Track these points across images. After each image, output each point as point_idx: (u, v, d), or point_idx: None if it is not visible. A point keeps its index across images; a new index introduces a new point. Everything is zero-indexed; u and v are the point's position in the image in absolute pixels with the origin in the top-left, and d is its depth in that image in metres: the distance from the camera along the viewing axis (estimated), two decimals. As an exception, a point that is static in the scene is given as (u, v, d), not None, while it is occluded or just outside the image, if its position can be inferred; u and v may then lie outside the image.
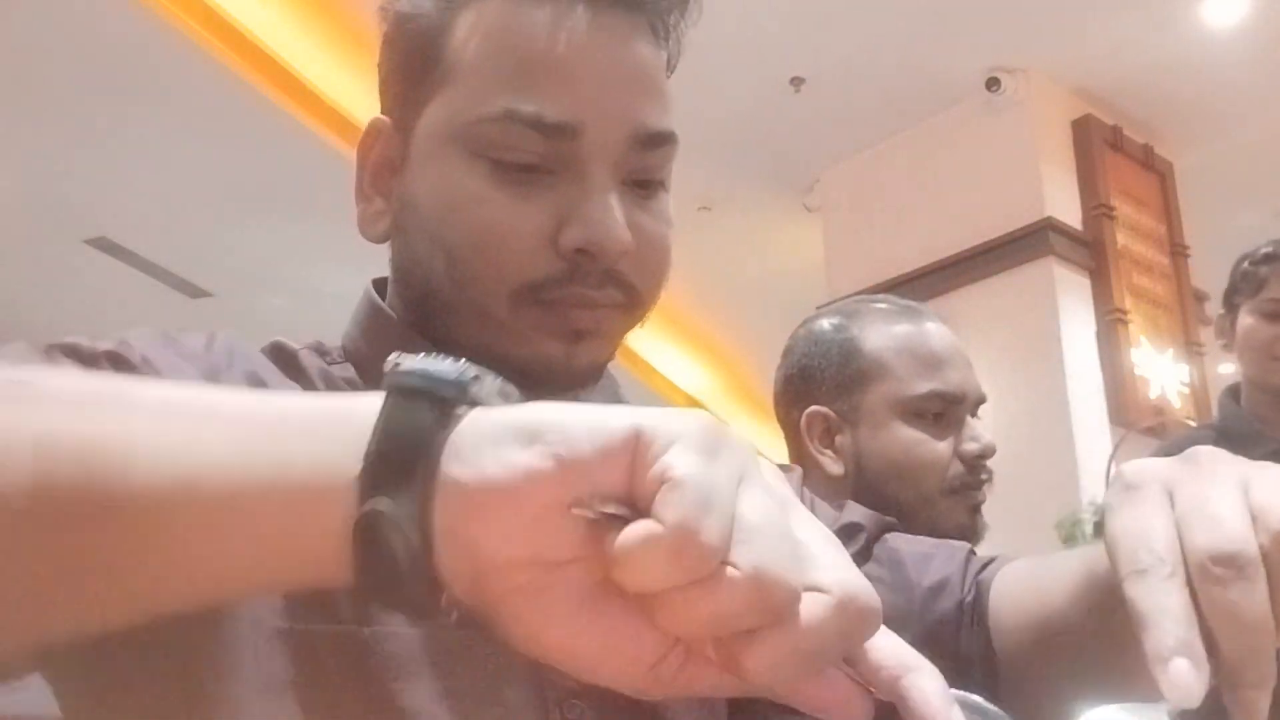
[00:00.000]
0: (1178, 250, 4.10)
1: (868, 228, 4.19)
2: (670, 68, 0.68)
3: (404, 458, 0.36)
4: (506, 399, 0.40)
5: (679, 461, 0.34)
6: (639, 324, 0.68)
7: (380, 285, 0.72)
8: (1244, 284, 1.99)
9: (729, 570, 0.33)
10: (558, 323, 0.62)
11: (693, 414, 0.37)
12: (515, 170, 0.62)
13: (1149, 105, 4.02)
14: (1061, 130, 3.95)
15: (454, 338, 0.64)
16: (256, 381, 0.62)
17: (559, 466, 0.35)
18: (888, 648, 0.39)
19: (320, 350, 0.68)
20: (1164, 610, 0.39)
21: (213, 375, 0.60)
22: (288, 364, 0.66)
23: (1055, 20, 3.65)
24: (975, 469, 1.27)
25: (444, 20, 0.65)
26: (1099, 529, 2.87)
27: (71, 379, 0.48)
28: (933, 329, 1.31)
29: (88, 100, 4.01)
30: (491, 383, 0.40)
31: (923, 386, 1.26)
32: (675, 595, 0.34)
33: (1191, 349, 3.98)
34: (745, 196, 4.63)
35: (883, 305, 1.36)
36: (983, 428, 1.30)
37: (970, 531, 1.25)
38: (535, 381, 0.62)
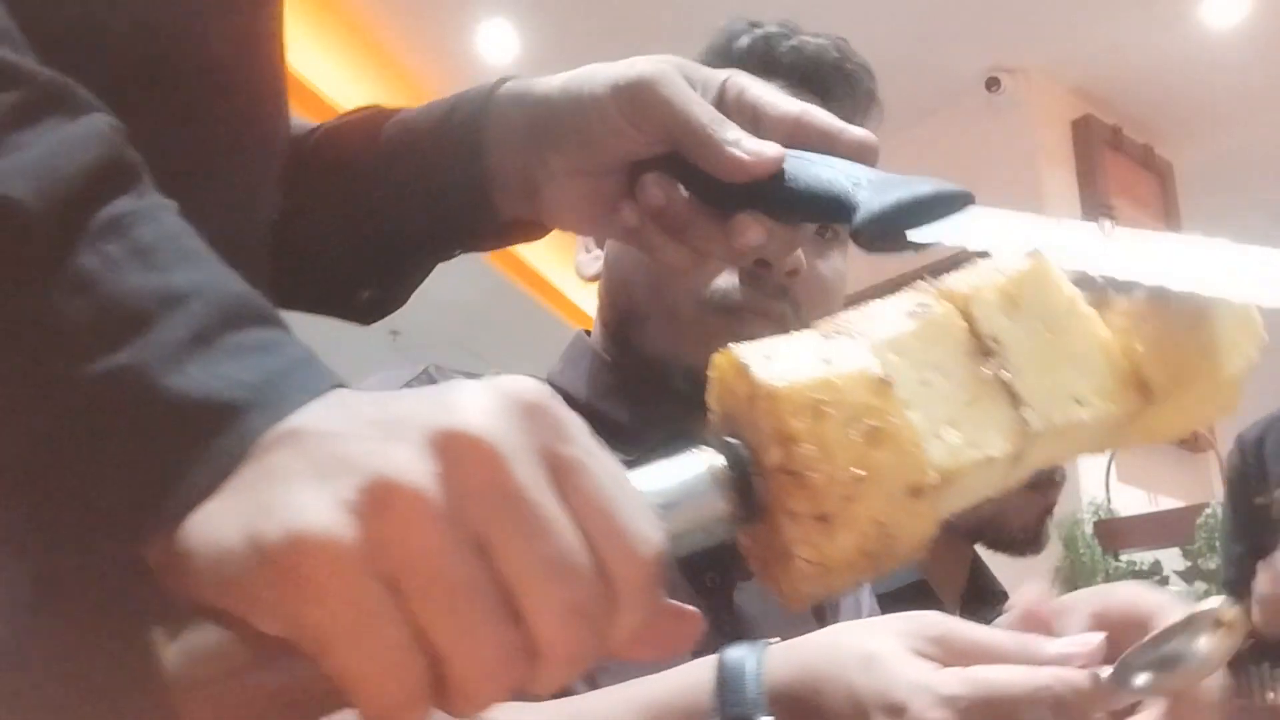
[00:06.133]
0: (1178, 250, 4.10)
1: (868, 227, 4.19)
2: None
3: None
4: None
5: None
6: None
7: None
8: None
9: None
10: (738, 330, 0.71)
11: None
12: None
13: (1149, 105, 4.02)
14: (1061, 130, 3.94)
15: (645, 346, 0.77)
16: None
17: None
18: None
19: None
20: None
21: None
22: None
23: (1055, 20, 3.65)
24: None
25: None
26: (1098, 529, 2.86)
27: None
28: None
29: (88, 100, 4.01)
30: None
31: None
32: None
33: (1191, 349, 3.98)
34: (745, 196, 4.64)
35: None
36: None
37: (1038, 538, 1.21)
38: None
